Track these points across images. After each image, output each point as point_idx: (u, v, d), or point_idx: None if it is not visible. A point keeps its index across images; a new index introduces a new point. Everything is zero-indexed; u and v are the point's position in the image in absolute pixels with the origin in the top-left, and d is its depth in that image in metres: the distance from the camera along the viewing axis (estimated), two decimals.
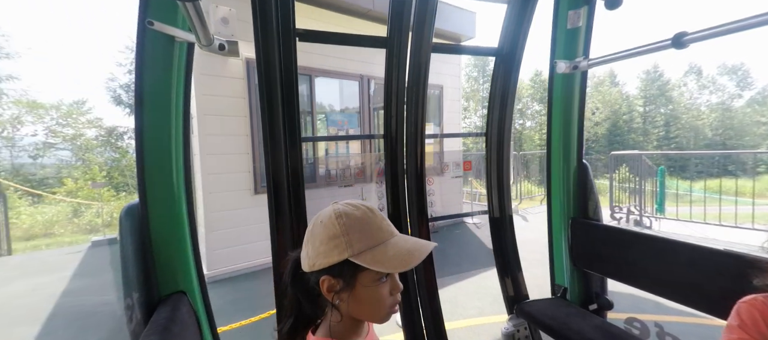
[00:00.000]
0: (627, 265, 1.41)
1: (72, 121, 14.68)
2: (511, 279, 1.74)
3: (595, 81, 26.58)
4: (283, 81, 1.18)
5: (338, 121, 4.62)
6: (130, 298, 0.78)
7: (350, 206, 0.61)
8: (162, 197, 0.89)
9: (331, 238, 0.58)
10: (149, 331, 0.71)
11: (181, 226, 0.92)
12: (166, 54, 0.90)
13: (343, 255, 0.57)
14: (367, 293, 0.59)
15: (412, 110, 1.50)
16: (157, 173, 0.89)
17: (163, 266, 0.88)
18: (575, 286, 1.67)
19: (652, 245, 1.32)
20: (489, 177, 1.79)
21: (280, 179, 1.21)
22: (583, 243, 1.60)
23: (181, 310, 0.83)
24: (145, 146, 0.87)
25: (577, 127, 1.59)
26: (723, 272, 1.08)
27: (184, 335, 0.78)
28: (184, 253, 0.92)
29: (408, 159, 1.54)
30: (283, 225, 1.21)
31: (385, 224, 0.61)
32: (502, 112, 1.68)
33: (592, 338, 1.26)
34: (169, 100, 0.91)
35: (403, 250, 0.58)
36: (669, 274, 1.25)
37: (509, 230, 1.77)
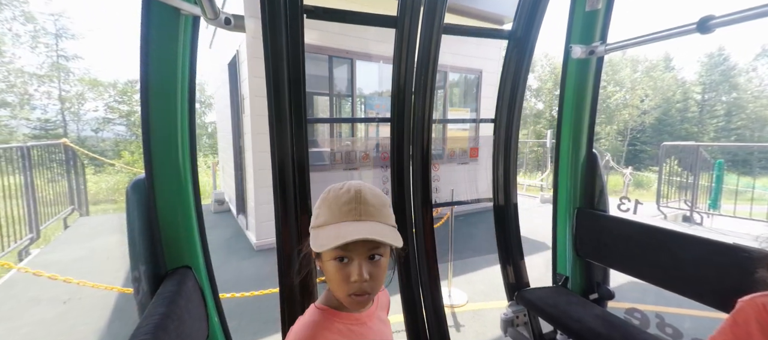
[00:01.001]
0: (631, 256, 1.40)
1: (126, 98, 16.01)
2: (512, 267, 1.74)
3: (646, 65, 24.06)
4: (289, 59, 1.16)
5: (376, 104, 4.70)
6: (137, 270, 0.79)
7: (345, 185, 0.64)
8: (168, 172, 0.89)
9: (316, 207, 0.65)
10: (156, 302, 0.72)
11: (186, 201, 0.92)
12: (172, 27, 0.88)
13: (311, 225, 0.64)
14: (325, 267, 0.63)
15: (420, 94, 1.47)
16: (163, 149, 0.89)
17: (169, 241, 0.89)
18: (577, 275, 1.67)
19: (658, 236, 1.30)
20: (495, 164, 1.76)
21: (285, 159, 1.21)
22: (587, 233, 1.59)
23: (187, 284, 0.84)
24: (151, 122, 0.87)
25: (588, 115, 1.54)
26: (728, 266, 1.07)
27: (190, 307, 0.79)
28: (189, 228, 0.93)
29: (414, 144, 1.52)
30: (287, 203, 1.21)
31: (352, 207, 0.61)
32: (513, 98, 1.64)
33: (592, 327, 1.27)
34: (175, 75, 0.90)
35: (333, 235, 0.58)
36: (673, 266, 1.24)
37: (513, 218, 1.76)
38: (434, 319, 1.54)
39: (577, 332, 1.30)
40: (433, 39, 1.40)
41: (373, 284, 0.61)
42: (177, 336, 0.69)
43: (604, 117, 22.40)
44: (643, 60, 24.30)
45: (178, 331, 0.70)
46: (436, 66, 1.45)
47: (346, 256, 0.60)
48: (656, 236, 1.31)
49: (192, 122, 0.98)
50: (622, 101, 22.58)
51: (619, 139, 22.87)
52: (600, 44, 1.38)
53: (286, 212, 1.21)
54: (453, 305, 2.54)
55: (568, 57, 1.46)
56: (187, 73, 0.93)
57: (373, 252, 0.61)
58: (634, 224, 1.42)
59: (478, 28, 1.53)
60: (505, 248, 1.76)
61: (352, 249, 0.59)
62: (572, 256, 1.66)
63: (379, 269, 0.62)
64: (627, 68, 23.51)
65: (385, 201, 0.65)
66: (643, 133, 23.23)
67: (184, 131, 0.94)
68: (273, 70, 1.16)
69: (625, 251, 1.43)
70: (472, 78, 5.33)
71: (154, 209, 0.85)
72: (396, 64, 1.43)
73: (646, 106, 23.14)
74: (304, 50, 1.20)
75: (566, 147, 1.59)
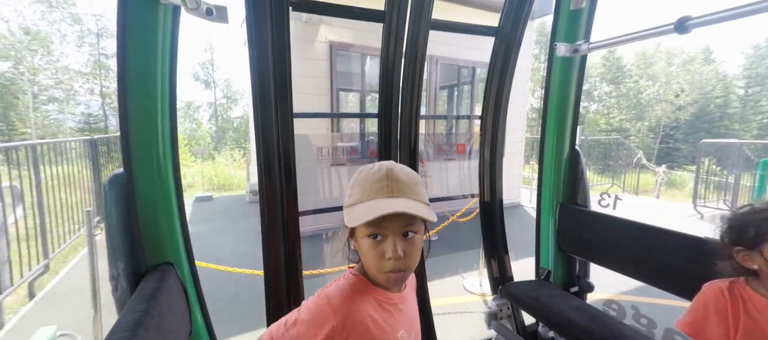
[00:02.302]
0: (609, 250, 1.45)
1: None
2: (497, 261, 1.78)
3: (683, 58, 21.87)
4: (275, 50, 1.14)
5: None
6: (115, 268, 0.77)
7: (376, 165, 0.65)
8: (147, 168, 0.87)
9: (349, 188, 0.67)
10: (136, 299, 0.71)
11: (168, 196, 0.90)
12: (150, 17, 0.85)
13: (345, 204, 0.66)
14: (359, 245, 0.64)
15: (407, 89, 1.47)
16: (142, 143, 0.86)
17: (150, 237, 0.87)
18: (559, 269, 1.72)
19: (634, 231, 1.35)
20: (482, 161, 1.79)
21: (271, 155, 1.19)
22: (569, 228, 1.63)
23: (169, 280, 0.83)
24: (130, 114, 0.84)
25: (572, 113, 1.58)
26: (696, 257, 1.12)
27: (171, 304, 0.78)
28: (171, 224, 0.91)
29: (401, 140, 1.52)
30: (273, 197, 1.20)
31: (384, 184, 0.62)
32: (499, 95, 1.66)
33: (572, 319, 1.31)
34: (154, 67, 0.87)
35: (366, 210, 0.59)
36: (648, 259, 1.29)
37: (499, 214, 1.79)
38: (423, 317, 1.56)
39: (558, 324, 1.35)
40: (421, 34, 1.40)
41: (408, 262, 0.61)
42: (158, 333, 0.68)
43: (635, 113, 21.16)
44: (680, 52, 22.27)
45: (159, 327, 0.69)
46: (424, 61, 1.45)
47: (379, 233, 0.60)
48: (632, 231, 1.36)
49: (173, 116, 0.95)
50: (655, 96, 20.86)
51: (650, 136, 21.35)
52: (584, 42, 1.40)
53: (272, 206, 1.20)
54: (484, 293, 2.93)
55: (552, 55, 1.48)
56: (167, 65, 0.90)
57: (407, 229, 0.61)
58: (613, 219, 1.46)
59: (466, 24, 1.53)
60: (491, 243, 1.79)
61: (386, 226, 0.59)
62: (554, 250, 1.71)
63: (413, 247, 0.62)
64: (662, 61, 21.68)
65: (417, 180, 0.66)
66: (677, 129, 21.06)
67: (165, 125, 0.91)
68: (257, 63, 1.14)
69: (604, 245, 1.48)
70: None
71: (133, 204, 0.83)
72: (383, 58, 1.42)
73: (682, 102, 20.81)
74: (290, 42, 1.18)
75: (550, 144, 1.62)
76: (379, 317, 0.64)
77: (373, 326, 0.62)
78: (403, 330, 0.67)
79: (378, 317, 0.64)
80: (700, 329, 0.83)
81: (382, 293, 0.66)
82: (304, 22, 4.03)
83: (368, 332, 0.61)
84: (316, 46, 4.11)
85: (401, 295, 0.70)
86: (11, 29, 12.96)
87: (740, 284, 0.81)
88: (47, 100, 14.10)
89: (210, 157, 12.63)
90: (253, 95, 1.18)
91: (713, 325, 0.81)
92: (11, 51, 12.86)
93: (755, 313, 0.76)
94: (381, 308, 0.65)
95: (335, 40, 4.16)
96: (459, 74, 5.14)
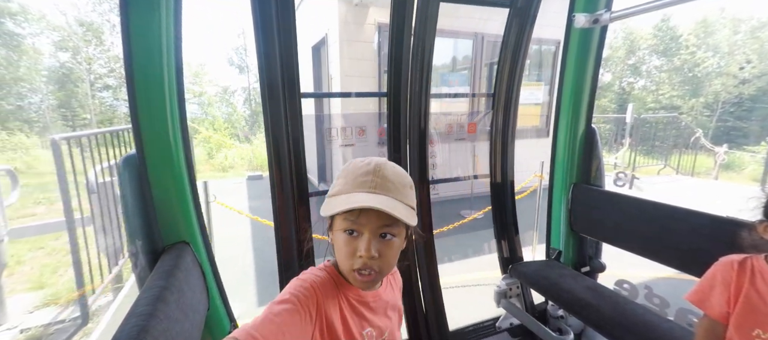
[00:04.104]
0: (624, 230, 1.42)
1: (198, 80, 17.06)
2: (507, 241, 1.78)
3: (751, 25, 18.89)
4: (280, 28, 1.11)
5: (449, 81, 4.80)
6: (133, 245, 0.80)
7: (367, 158, 0.63)
8: (158, 147, 0.87)
9: (337, 176, 0.64)
10: (155, 276, 0.73)
11: (180, 177, 0.92)
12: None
13: (328, 194, 0.63)
14: (334, 238, 0.62)
15: (417, 66, 1.43)
16: (152, 123, 0.87)
17: (165, 217, 0.89)
18: (570, 249, 1.70)
19: (651, 210, 1.31)
20: (493, 140, 1.75)
21: (279, 134, 1.19)
22: (582, 208, 1.60)
23: (185, 258, 0.85)
24: (138, 97, 0.84)
25: (589, 88, 1.51)
26: (714, 237, 1.09)
27: (189, 281, 0.81)
28: (184, 204, 0.92)
29: (411, 119, 1.50)
30: (283, 177, 1.21)
31: (369, 179, 0.59)
32: (513, 71, 1.60)
33: (583, 298, 1.31)
34: (159, 44, 0.86)
35: (343, 201, 0.58)
36: (664, 238, 1.26)
37: (509, 195, 1.77)
38: (430, 294, 1.59)
39: (568, 303, 1.35)
40: (430, 7, 1.34)
41: (381, 264, 0.59)
42: (177, 308, 0.70)
43: (689, 88, 18.76)
44: (748, 19, 18.88)
45: (179, 303, 0.71)
46: (434, 36, 1.39)
47: (355, 229, 0.58)
48: (649, 210, 1.32)
49: (181, 98, 0.95)
50: (715, 69, 18.17)
51: (706, 113, 18.88)
52: (605, 12, 1.32)
53: (282, 186, 1.21)
54: None
55: (570, 27, 1.41)
56: (172, 42, 0.89)
57: (385, 230, 0.58)
58: (629, 198, 1.43)
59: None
60: (501, 224, 1.78)
61: (362, 223, 0.57)
62: (566, 230, 1.69)
63: (390, 250, 0.59)
64: (725, 29, 18.74)
65: (407, 182, 0.63)
66: (738, 106, 18.46)
67: (173, 107, 0.91)
68: (263, 41, 1.12)
69: (618, 225, 1.45)
70: (553, 50, 5.16)
71: (147, 185, 0.85)
72: (392, 34, 1.38)
73: (747, 74, 18.04)
74: (295, 19, 1.15)
75: (565, 122, 1.57)
76: (347, 313, 0.63)
77: (337, 319, 0.61)
78: (370, 328, 0.66)
79: (346, 312, 0.63)
80: (705, 298, 0.85)
81: (353, 290, 0.64)
82: (355, 5, 4.01)
83: (331, 324, 0.60)
84: (365, 28, 4.14)
85: (374, 294, 0.67)
86: (68, 22, 13.57)
87: (756, 258, 0.81)
88: (102, 88, 14.84)
89: (246, 140, 13.13)
90: (260, 75, 1.16)
91: (717, 294, 0.82)
92: (69, 42, 13.55)
93: (762, 285, 0.76)
94: (349, 304, 0.64)
95: (384, 22, 4.17)
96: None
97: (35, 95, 13.55)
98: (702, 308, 0.85)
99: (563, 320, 1.64)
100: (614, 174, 6.08)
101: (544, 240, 1.77)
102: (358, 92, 4.00)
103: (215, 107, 16.79)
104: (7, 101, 12.82)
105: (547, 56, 5.37)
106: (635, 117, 7.42)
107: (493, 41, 4.82)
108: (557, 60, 5.24)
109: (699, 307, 0.86)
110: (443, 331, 1.59)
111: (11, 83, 12.71)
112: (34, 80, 13.26)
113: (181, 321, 0.69)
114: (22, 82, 13.01)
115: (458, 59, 5.05)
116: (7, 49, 12.60)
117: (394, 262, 0.62)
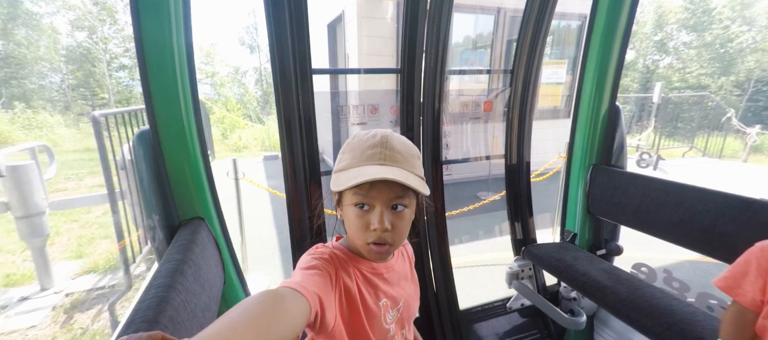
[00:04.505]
0: (646, 212, 1.36)
1: (210, 60, 17.09)
2: (521, 223, 1.75)
3: None
4: (290, 1, 1.07)
5: (469, 59, 4.68)
6: (151, 219, 0.81)
7: (372, 130, 0.61)
8: (171, 124, 0.87)
9: (340, 152, 0.63)
10: (172, 249, 0.75)
11: (193, 153, 0.92)
12: None
13: (334, 169, 0.62)
14: (345, 213, 0.61)
15: (432, 41, 1.37)
16: (164, 97, 0.86)
17: (180, 192, 0.90)
18: (585, 232, 1.67)
19: (677, 192, 1.25)
20: (509, 120, 1.69)
21: (291, 114, 1.17)
22: (601, 190, 1.55)
23: (201, 233, 0.87)
24: (149, 72, 0.83)
25: (615, 64, 1.42)
26: (746, 220, 1.04)
27: (205, 255, 0.82)
28: (198, 180, 0.93)
29: (425, 97, 1.45)
30: (295, 157, 1.20)
31: (377, 151, 0.58)
32: (533, 46, 1.52)
33: (598, 280, 1.29)
34: (169, 19, 0.84)
35: (353, 175, 0.56)
36: (692, 222, 1.21)
37: (524, 175, 1.72)
38: (441, 273, 1.59)
39: (583, 285, 1.33)
40: None
41: (395, 236, 0.59)
42: (195, 281, 0.72)
43: (719, 66, 17.33)
44: None
45: (197, 277, 0.73)
46: (451, 9, 1.32)
47: (367, 203, 0.57)
48: (675, 192, 1.26)
49: (192, 75, 0.93)
50: (750, 44, 16.70)
51: (736, 93, 17.54)
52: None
53: (294, 164, 1.20)
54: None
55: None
56: (182, 22, 0.87)
57: (397, 202, 0.58)
58: (654, 180, 1.36)
59: None
60: (515, 205, 1.75)
61: (374, 196, 0.56)
62: (582, 213, 1.65)
63: (401, 221, 0.59)
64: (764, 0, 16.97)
65: (414, 152, 0.62)
66: None
67: (185, 85, 0.90)
68: (274, 16, 1.08)
69: (640, 208, 1.39)
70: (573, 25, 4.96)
71: (161, 160, 0.85)
72: (406, 6, 1.31)
73: None
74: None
75: (588, 98, 1.49)
76: (361, 284, 0.63)
77: (354, 290, 0.61)
78: (385, 299, 0.66)
79: (360, 283, 0.63)
80: (735, 284, 0.80)
81: (366, 263, 0.64)
82: None
83: (349, 294, 0.60)
84: (384, 4, 4.08)
85: (387, 265, 0.68)
86: (83, 0, 13.55)
87: None
88: (118, 68, 14.96)
89: (259, 121, 13.22)
90: (271, 51, 1.13)
91: (751, 280, 0.77)
92: (85, 21, 13.57)
93: None
94: (362, 276, 0.64)
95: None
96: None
97: (55, 75, 13.83)
98: (732, 295, 0.81)
99: (576, 302, 1.62)
100: (637, 155, 5.86)
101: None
102: (367, 69, 3.92)
103: (227, 88, 16.78)
104: (29, 81, 13.16)
105: (568, 34, 5.10)
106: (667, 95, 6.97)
107: (516, 16, 4.61)
108: (582, 35, 4.99)
109: (729, 294, 0.82)
110: (454, 309, 1.60)
111: (33, 62, 12.99)
112: (53, 59, 13.51)
113: (199, 294, 0.70)
114: (43, 61, 13.26)
115: (480, 36, 4.85)
116: (27, 29, 12.79)
117: (406, 233, 0.62)
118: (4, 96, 12.02)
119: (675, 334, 1.02)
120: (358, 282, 0.63)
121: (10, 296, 2.55)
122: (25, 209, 2.42)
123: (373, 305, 0.64)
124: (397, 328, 0.69)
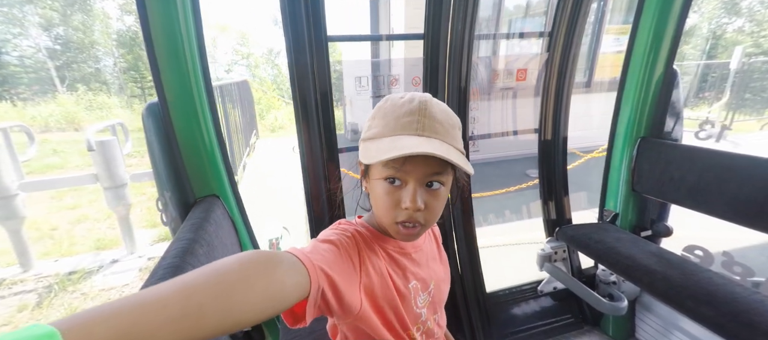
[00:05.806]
0: (708, 191, 1.20)
1: (244, 41, 17.69)
2: (554, 203, 1.62)
3: None
4: None
5: (523, 28, 4.52)
6: (163, 196, 0.77)
7: (407, 94, 0.52)
8: (180, 98, 0.82)
9: (369, 118, 0.55)
10: (185, 228, 0.71)
11: (206, 129, 0.87)
12: None
13: (362, 137, 0.55)
14: (372, 187, 0.54)
15: (460, 4, 1.22)
16: (172, 71, 0.81)
17: (194, 169, 0.86)
18: (628, 212, 1.51)
19: (743, 166, 1.08)
20: (546, 91, 1.52)
21: (306, 84, 1.09)
22: (649, 166, 1.38)
23: (216, 211, 0.83)
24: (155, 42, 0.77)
25: (676, 19, 1.22)
26: None
27: (220, 233, 0.78)
28: (212, 157, 0.88)
29: (451, 67, 1.32)
30: (311, 133, 1.13)
31: (414, 119, 0.49)
32: (577, 6, 1.33)
33: (646, 264, 1.16)
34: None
35: (387, 147, 0.47)
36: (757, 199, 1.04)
37: (561, 152, 1.57)
38: (467, 255, 1.51)
39: (626, 269, 1.20)
40: None
41: (427, 216, 0.51)
42: (207, 261, 0.67)
43: None
44: None
45: (209, 256, 0.69)
46: None
47: (399, 178, 0.50)
48: (744, 167, 1.09)
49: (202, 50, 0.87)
50: None
51: None
52: None
53: (310, 139, 1.14)
54: None
55: None
56: None
57: (433, 178, 0.50)
58: (716, 153, 1.19)
59: None
60: (548, 184, 1.61)
61: (408, 170, 0.49)
62: (626, 191, 1.49)
63: (436, 200, 0.51)
64: None
65: (455, 121, 0.53)
66: None
67: (193, 52, 0.83)
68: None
69: (698, 185, 1.22)
70: None
71: (172, 134, 0.80)
72: None
73: None
74: None
75: (639, 61, 1.30)
76: (389, 266, 0.57)
77: (383, 272, 0.55)
78: (415, 281, 0.60)
79: (388, 265, 0.57)
80: None
81: (393, 242, 0.58)
82: None
83: (379, 275, 0.54)
84: None
85: (414, 245, 0.61)
86: None
87: None
88: None
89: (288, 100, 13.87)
90: (283, 18, 1.05)
91: None
92: (132, 5, 14.67)
93: None
94: (389, 257, 0.57)
95: None
96: None
97: (108, 58, 14.40)
98: None
99: (615, 287, 1.50)
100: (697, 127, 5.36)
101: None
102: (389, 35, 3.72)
103: (261, 69, 16.99)
104: (87, 65, 13.83)
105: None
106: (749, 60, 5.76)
107: None
108: None
109: None
110: (480, 292, 1.53)
111: (89, 47, 13.58)
112: (106, 43, 14.03)
113: None
114: (98, 45, 13.74)
115: (534, 3, 4.43)
116: (83, 13, 13.27)
117: (440, 213, 0.54)
118: (68, 79, 12.75)
119: (742, 326, 0.89)
120: (386, 264, 0.57)
121: (103, 258, 2.88)
122: (112, 180, 2.67)
123: (403, 288, 0.58)
124: (429, 313, 0.62)
